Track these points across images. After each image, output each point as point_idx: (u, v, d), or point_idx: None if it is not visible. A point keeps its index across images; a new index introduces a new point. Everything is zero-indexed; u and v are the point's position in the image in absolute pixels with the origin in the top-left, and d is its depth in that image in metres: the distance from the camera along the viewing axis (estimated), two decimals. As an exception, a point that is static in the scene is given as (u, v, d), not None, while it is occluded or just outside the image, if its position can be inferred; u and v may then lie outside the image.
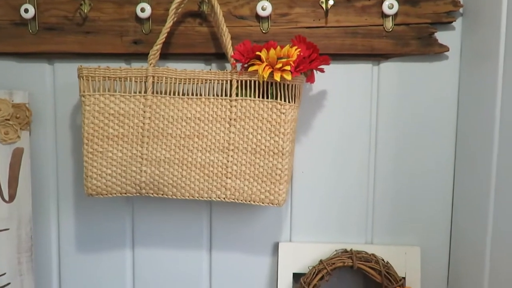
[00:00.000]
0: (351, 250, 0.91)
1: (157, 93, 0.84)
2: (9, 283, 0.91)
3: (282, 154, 0.82)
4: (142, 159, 0.84)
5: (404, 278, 0.91)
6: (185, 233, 0.96)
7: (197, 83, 0.84)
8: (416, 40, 0.88)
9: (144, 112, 0.83)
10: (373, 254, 0.90)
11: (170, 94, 0.84)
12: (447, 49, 0.88)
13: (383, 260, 0.90)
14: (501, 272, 0.75)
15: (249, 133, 0.83)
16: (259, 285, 0.96)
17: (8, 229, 0.91)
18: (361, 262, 0.88)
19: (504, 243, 0.74)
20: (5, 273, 0.90)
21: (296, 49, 0.80)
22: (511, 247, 0.72)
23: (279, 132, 0.82)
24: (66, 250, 0.98)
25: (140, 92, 0.84)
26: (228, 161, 0.83)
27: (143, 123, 0.83)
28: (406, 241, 0.94)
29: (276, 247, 0.95)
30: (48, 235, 0.98)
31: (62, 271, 0.99)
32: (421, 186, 0.93)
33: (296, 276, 0.92)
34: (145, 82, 0.84)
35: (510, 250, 0.72)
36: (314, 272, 0.89)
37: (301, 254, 0.93)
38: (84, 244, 0.98)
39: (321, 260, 0.90)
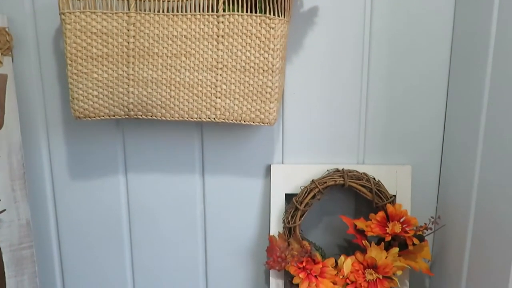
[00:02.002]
0: (342, 169, 0.91)
1: (140, 10, 0.80)
2: (4, 210, 0.92)
3: (272, 71, 0.80)
4: (128, 79, 0.81)
5: (394, 196, 0.92)
6: (177, 157, 0.96)
7: (182, -1, 0.80)
8: (412, -51, 0.84)
9: (128, 30, 0.80)
10: (364, 173, 0.91)
11: (154, 11, 0.80)
12: (444, -42, 0.84)
13: (374, 178, 0.90)
14: (489, 188, 0.76)
15: (237, 50, 0.80)
16: (252, 207, 0.98)
17: (-1, 156, 0.90)
18: (352, 180, 0.89)
19: (494, 161, 0.74)
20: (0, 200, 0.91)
21: (284, -42, 0.76)
22: (500, 164, 0.72)
23: (269, 48, 0.79)
24: (59, 177, 0.98)
25: (122, 10, 0.80)
26: (217, 80, 0.81)
27: (128, 42, 0.80)
28: (398, 160, 0.95)
29: (268, 169, 0.95)
30: (40, 162, 0.98)
31: (56, 198, 0.99)
32: (414, 105, 0.92)
33: (289, 197, 0.94)
34: (127, -1, 0.80)
35: (499, 167, 0.72)
36: (306, 191, 0.90)
37: (293, 175, 0.94)
38: (76, 171, 0.98)
39: (313, 180, 0.90)
